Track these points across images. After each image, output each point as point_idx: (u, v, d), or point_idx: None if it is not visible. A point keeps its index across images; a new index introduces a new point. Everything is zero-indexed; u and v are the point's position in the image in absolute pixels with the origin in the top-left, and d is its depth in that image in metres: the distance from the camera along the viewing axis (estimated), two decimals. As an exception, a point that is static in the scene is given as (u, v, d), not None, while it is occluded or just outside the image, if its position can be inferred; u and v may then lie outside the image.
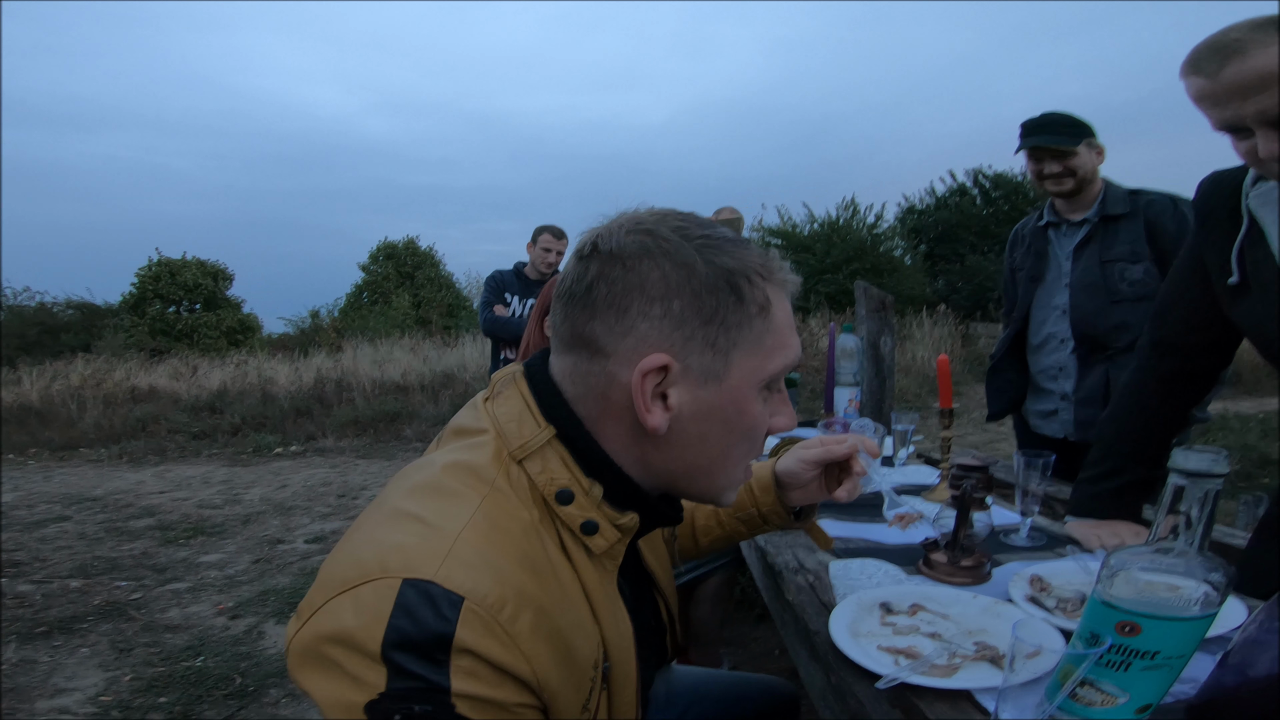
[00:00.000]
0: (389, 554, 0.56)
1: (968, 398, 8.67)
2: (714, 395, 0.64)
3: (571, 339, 0.66)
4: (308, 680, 0.54)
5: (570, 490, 0.64)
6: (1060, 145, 1.90)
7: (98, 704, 2.38)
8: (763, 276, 0.65)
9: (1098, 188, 1.98)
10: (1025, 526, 1.27)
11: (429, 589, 0.53)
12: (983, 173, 18.04)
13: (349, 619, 0.53)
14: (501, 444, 0.65)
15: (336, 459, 6.75)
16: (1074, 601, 0.92)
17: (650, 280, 0.62)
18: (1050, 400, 2.09)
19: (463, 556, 0.56)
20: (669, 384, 0.63)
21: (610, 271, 0.63)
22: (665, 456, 0.67)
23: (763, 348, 0.65)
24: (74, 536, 4.34)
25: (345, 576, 0.56)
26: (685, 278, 0.62)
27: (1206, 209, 1.15)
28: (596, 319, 0.63)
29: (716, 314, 0.62)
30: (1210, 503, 0.61)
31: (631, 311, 0.62)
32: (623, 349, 0.63)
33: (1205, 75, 0.89)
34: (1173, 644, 0.59)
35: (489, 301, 3.78)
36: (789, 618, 1.05)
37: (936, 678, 0.75)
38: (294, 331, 15.94)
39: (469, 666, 0.53)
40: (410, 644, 0.52)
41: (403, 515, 0.60)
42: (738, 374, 0.65)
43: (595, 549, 0.65)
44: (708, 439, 0.66)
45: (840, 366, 2.24)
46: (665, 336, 0.62)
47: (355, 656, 0.52)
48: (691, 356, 0.63)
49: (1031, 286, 2.10)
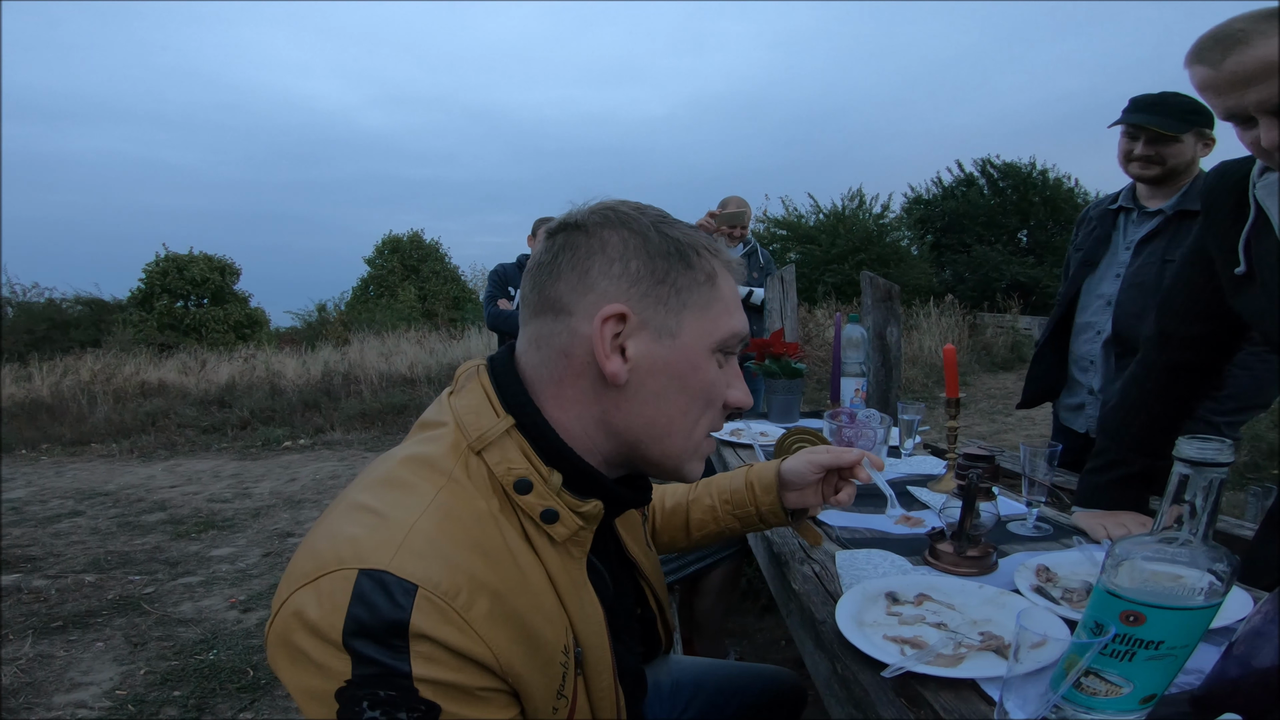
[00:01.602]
0: (344, 546, 0.58)
1: (975, 388, 8.65)
2: (669, 351, 0.69)
3: (538, 304, 0.71)
4: (282, 671, 0.57)
5: (528, 479, 0.66)
6: (1165, 130, 1.74)
7: (113, 698, 2.41)
8: (710, 253, 0.72)
9: (1187, 179, 1.82)
10: (1031, 517, 1.27)
11: (383, 578, 0.55)
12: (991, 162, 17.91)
13: (311, 610, 0.55)
14: (460, 435, 0.67)
15: (345, 452, 6.78)
16: (1080, 592, 0.93)
17: (610, 244, 0.68)
18: (1079, 393, 2.03)
19: (415, 546, 0.58)
20: (627, 335, 0.67)
21: (575, 239, 0.69)
22: (625, 414, 0.69)
23: (710, 312, 0.71)
24: (87, 531, 4.38)
25: (305, 570, 0.58)
26: (641, 243, 0.68)
27: (1213, 199, 1.14)
28: (561, 280, 0.69)
29: (668, 276, 0.68)
30: (1215, 492, 0.60)
31: (593, 271, 0.68)
32: (584, 305, 0.67)
33: (1208, 65, 0.88)
34: (1177, 634, 0.59)
35: (493, 295, 3.79)
36: (794, 607, 1.06)
37: (942, 667, 0.75)
38: (301, 325, 16.01)
39: (428, 651, 0.55)
40: (368, 632, 0.54)
41: (359, 508, 0.62)
42: (689, 334, 0.70)
43: (557, 536, 0.67)
44: (664, 395, 0.70)
45: (846, 357, 2.24)
46: (623, 292, 0.67)
47: (321, 646, 0.54)
48: (646, 311, 0.68)
49: (1083, 270, 1.99)
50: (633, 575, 0.91)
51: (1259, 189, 1.04)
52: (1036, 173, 17.68)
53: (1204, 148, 1.81)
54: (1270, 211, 1.02)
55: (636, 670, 0.88)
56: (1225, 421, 1.73)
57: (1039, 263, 16.36)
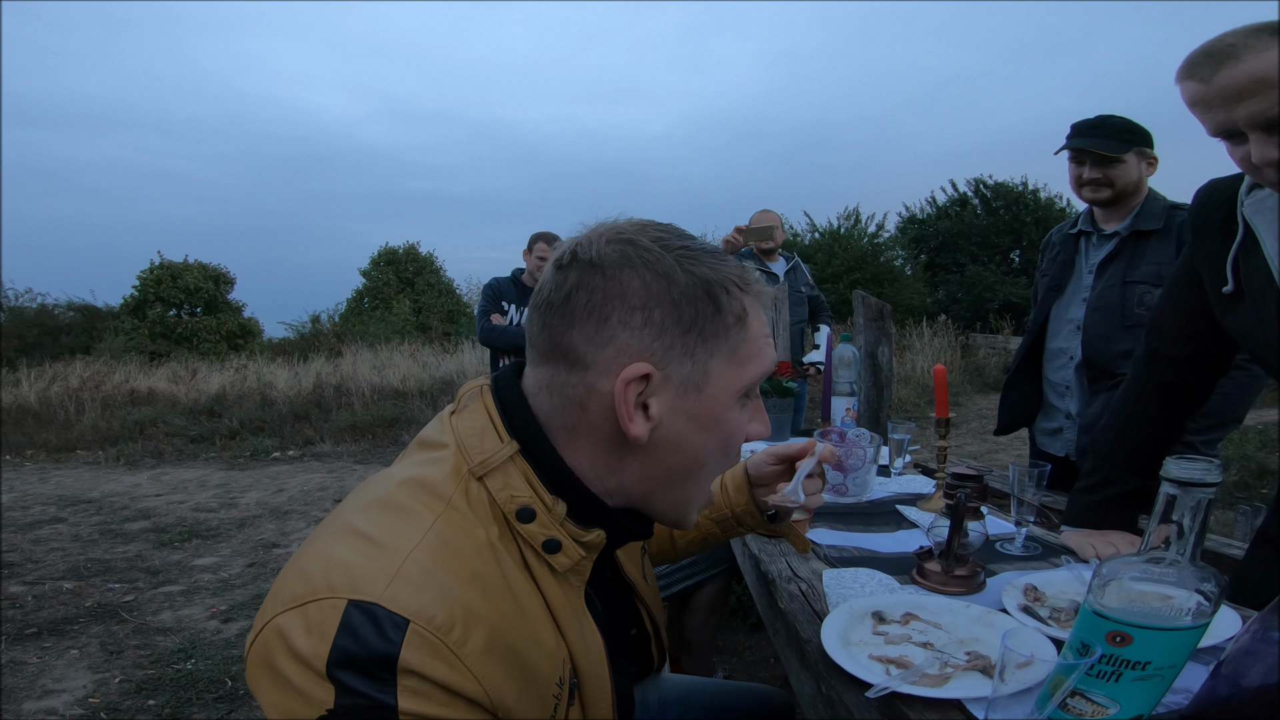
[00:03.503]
0: (336, 572, 0.56)
1: (966, 408, 8.66)
2: (693, 405, 0.64)
3: (549, 350, 0.65)
4: (261, 692, 0.55)
5: (531, 508, 0.63)
6: (1106, 151, 1.80)
7: (85, 706, 2.36)
8: (740, 287, 0.66)
9: (1139, 199, 1.87)
10: (1020, 536, 1.26)
11: (374, 610, 0.53)
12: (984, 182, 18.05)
13: (297, 636, 0.53)
14: (462, 459, 0.64)
15: (334, 464, 6.74)
16: (1068, 611, 0.92)
17: (631, 289, 0.62)
18: (1056, 418, 2.04)
19: (410, 578, 0.55)
20: (650, 393, 0.63)
21: (590, 280, 0.62)
22: (643, 467, 0.67)
23: (738, 357, 0.66)
24: (68, 538, 4.33)
25: (294, 592, 0.56)
26: (665, 287, 0.62)
27: (1201, 217, 1.15)
28: (575, 328, 0.63)
29: (695, 323, 0.63)
30: (1202, 512, 0.60)
31: (612, 320, 0.62)
32: (603, 359, 0.62)
33: (1199, 80, 0.89)
34: (1164, 654, 0.58)
35: (486, 310, 3.75)
36: (781, 625, 1.04)
37: (927, 687, 0.74)
38: (294, 336, 15.94)
39: (415, 686, 0.53)
40: (354, 663, 0.52)
41: (353, 532, 0.59)
42: (716, 384, 0.65)
43: (559, 567, 0.64)
44: (685, 448, 0.66)
45: (838, 375, 2.23)
46: (646, 346, 0.62)
47: (304, 673, 0.52)
48: (671, 366, 0.63)
49: (1051, 296, 2.02)
50: (629, 597, 0.90)
51: (1247, 206, 1.04)
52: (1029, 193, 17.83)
53: (1148, 167, 1.87)
54: (1258, 229, 1.02)
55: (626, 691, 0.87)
56: (1201, 440, 1.74)
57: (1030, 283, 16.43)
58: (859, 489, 1.62)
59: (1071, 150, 1.87)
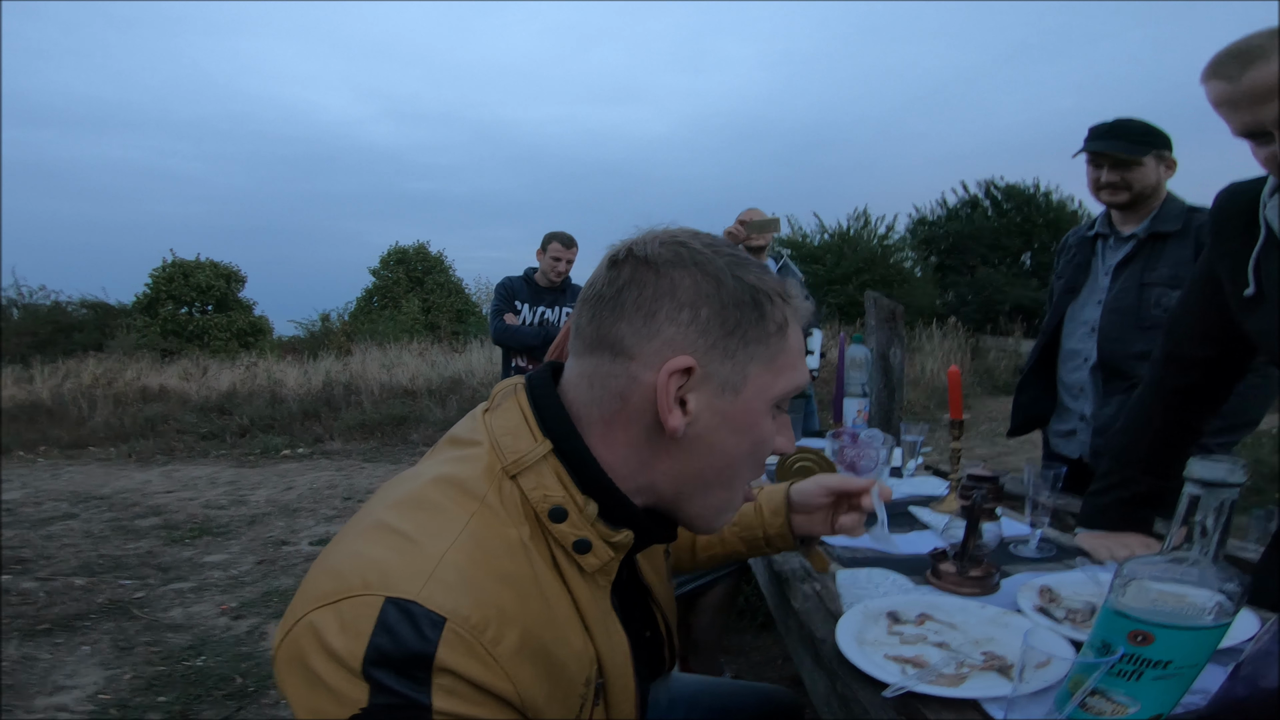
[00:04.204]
0: (370, 569, 0.55)
1: (976, 411, 8.62)
2: (729, 405, 0.65)
3: (596, 340, 0.66)
4: (291, 689, 0.54)
5: (564, 508, 0.64)
6: (1125, 154, 1.78)
7: (96, 702, 2.38)
8: (783, 299, 0.68)
9: (1157, 202, 1.85)
10: (1035, 538, 1.25)
11: (411, 608, 0.53)
12: (994, 184, 17.96)
13: (331, 634, 0.53)
14: (495, 457, 0.64)
15: (343, 462, 6.77)
16: (1083, 612, 0.91)
17: (681, 287, 0.64)
18: (1070, 419, 2.03)
19: (446, 577, 0.55)
20: (689, 389, 0.64)
21: (643, 276, 0.64)
22: (675, 464, 0.67)
23: (775, 365, 0.67)
24: (80, 534, 4.36)
25: (326, 590, 0.55)
26: (715, 288, 0.64)
27: (1222, 219, 1.14)
28: (624, 320, 0.64)
29: (739, 326, 0.64)
30: (1226, 512, 0.60)
31: (660, 315, 0.63)
32: (648, 351, 0.63)
33: (1226, 79, 0.88)
34: (1185, 653, 0.58)
35: (499, 310, 3.74)
36: (794, 624, 1.04)
37: (943, 687, 0.74)
38: (304, 334, 16.02)
39: (450, 685, 0.53)
40: (390, 662, 0.52)
41: (387, 529, 0.59)
42: (752, 388, 0.66)
43: (588, 567, 0.65)
44: (718, 449, 0.67)
45: (849, 377, 2.22)
46: (690, 342, 0.63)
47: (338, 671, 0.52)
48: (713, 364, 0.64)
49: (1066, 298, 2.01)
50: (645, 599, 0.90)
51: (1270, 208, 1.03)
52: (1040, 194, 17.72)
53: (1166, 170, 1.85)
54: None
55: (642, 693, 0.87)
56: (1217, 443, 1.73)
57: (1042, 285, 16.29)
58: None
59: (1090, 153, 1.86)
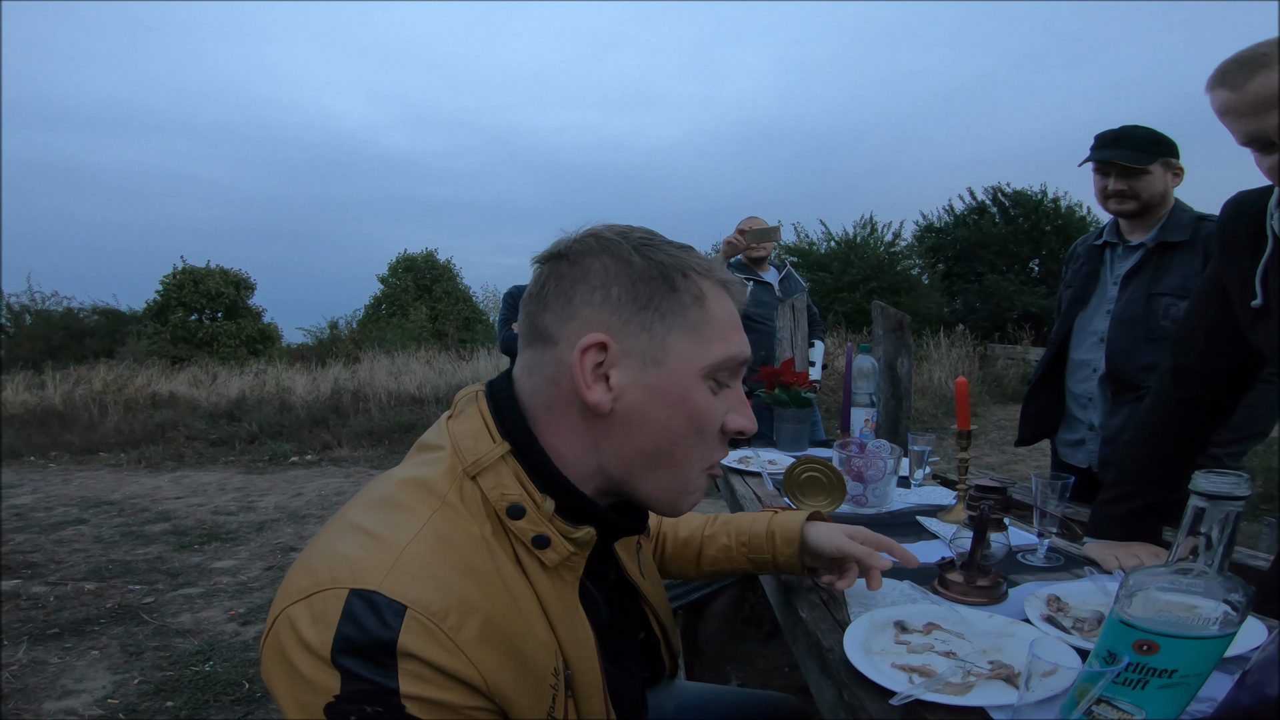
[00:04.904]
0: (338, 564, 0.59)
1: (984, 419, 8.58)
2: (654, 378, 0.68)
3: (529, 334, 0.71)
4: (276, 684, 0.58)
5: (521, 505, 0.66)
6: (1131, 162, 1.77)
7: (104, 706, 2.39)
8: (699, 273, 0.70)
9: (1165, 211, 1.84)
10: (1042, 547, 1.25)
11: (373, 598, 0.56)
12: (1002, 190, 17.86)
13: (304, 626, 0.56)
14: (456, 460, 0.68)
15: (351, 468, 6.79)
16: (1091, 621, 0.91)
17: (592, 271, 0.68)
18: (1079, 429, 2.02)
19: (407, 568, 0.58)
20: (610, 364, 0.67)
21: (560, 269, 0.70)
22: (616, 444, 0.69)
23: (700, 336, 0.69)
24: (90, 539, 4.39)
25: (300, 585, 0.59)
26: (623, 268, 0.68)
27: (1230, 230, 1.14)
28: (548, 311, 0.69)
29: (651, 301, 0.68)
30: (1231, 525, 0.60)
31: (576, 300, 0.68)
32: (568, 333, 0.68)
33: (1231, 88, 0.89)
34: (1191, 662, 0.58)
35: (507, 319, 3.73)
36: (801, 633, 1.04)
37: (950, 695, 0.74)
38: (312, 342, 16.11)
39: (415, 670, 0.56)
40: (356, 649, 0.55)
41: (354, 528, 0.63)
42: (676, 359, 0.68)
43: (548, 562, 0.67)
44: (651, 422, 0.69)
45: (856, 387, 2.23)
46: (604, 320, 0.67)
47: (311, 661, 0.55)
48: (629, 339, 0.67)
49: (1074, 308, 2.00)
50: (635, 599, 0.90)
51: (1276, 219, 1.03)
52: (1048, 201, 17.61)
53: (1174, 178, 1.84)
54: None
55: (636, 694, 0.87)
56: (1226, 453, 1.72)
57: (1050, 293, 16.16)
58: (879, 500, 1.61)
59: (1096, 162, 1.85)
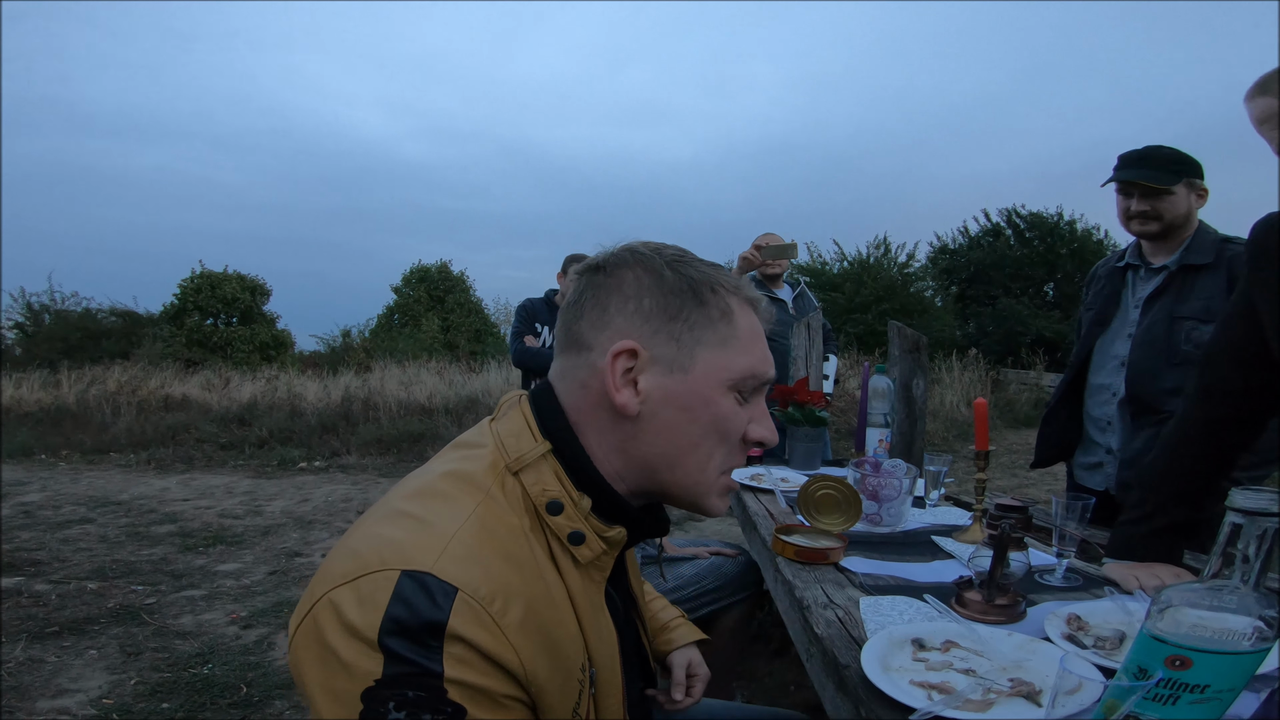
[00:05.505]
0: (386, 548, 0.60)
1: (997, 443, 8.50)
2: (679, 384, 0.71)
3: (565, 341, 0.75)
4: (307, 670, 0.57)
5: (560, 501, 0.68)
6: (1155, 182, 1.74)
7: (99, 706, 2.37)
8: (728, 290, 0.74)
9: (1189, 232, 1.80)
10: (1061, 567, 1.22)
11: (425, 579, 0.57)
12: (1017, 212, 17.67)
13: (349, 608, 0.56)
14: (499, 456, 0.70)
15: (359, 476, 6.78)
16: (1113, 640, 0.88)
17: (626, 282, 0.72)
18: (1096, 452, 1.98)
19: (456, 553, 0.59)
20: (639, 370, 0.70)
21: (596, 279, 0.74)
22: (640, 443, 0.72)
23: (726, 348, 0.72)
24: (95, 539, 4.39)
25: (344, 570, 0.59)
26: (655, 281, 0.72)
27: (1260, 250, 1.12)
28: (584, 319, 0.73)
29: (680, 313, 0.71)
30: (1268, 541, 0.59)
31: (610, 309, 0.72)
32: (601, 340, 0.71)
33: (1274, 95, 0.86)
34: (1223, 677, 0.57)
35: (519, 332, 3.70)
36: (817, 651, 1.02)
37: (971, 712, 0.71)
38: (325, 349, 16.17)
39: (460, 654, 0.56)
40: (405, 631, 0.55)
41: (400, 514, 0.64)
42: (702, 368, 0.71)
43: (582, 559, 0.69)
44: (676, 427, 0.71)
45: (872, 407, 2.20)
46: (635, 328, 0.71)
47: (354, 644, 0.55)
48: (658, 347, 0.71)
49: (1095, 330, 1.97)
50: (634, 609, 0.91)
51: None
52: (1064, 223, 17.40)
53: (1198, 199, 1.80)
54: None
55: (645, 703, 0.86)
56: (1248, 476, 1.67)
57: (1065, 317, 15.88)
58: (893, 519, 1.59)
59: (1119, 182, 1.82)
